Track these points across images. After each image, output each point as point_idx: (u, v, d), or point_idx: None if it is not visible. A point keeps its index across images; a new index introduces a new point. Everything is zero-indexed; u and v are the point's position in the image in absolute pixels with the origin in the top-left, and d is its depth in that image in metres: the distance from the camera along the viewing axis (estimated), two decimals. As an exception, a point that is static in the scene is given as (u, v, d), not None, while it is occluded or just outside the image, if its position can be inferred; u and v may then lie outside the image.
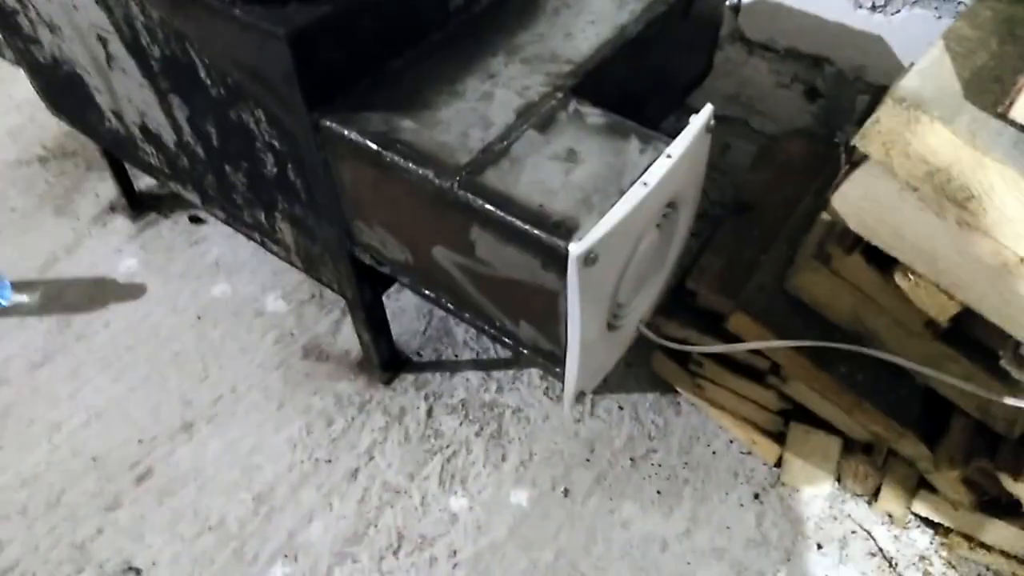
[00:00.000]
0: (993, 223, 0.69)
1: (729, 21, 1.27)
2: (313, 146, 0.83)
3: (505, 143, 0.77)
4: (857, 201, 0.78)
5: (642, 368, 1.20)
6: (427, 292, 0.90)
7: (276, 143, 0.89)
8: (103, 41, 1.00)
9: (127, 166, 1.44)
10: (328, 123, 0.80)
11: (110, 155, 1.40)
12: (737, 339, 0.95)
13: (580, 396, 0.81)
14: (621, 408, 1.17)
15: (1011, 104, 0.65)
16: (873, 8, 1.10)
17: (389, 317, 1.20)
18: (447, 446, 1.14)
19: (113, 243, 1.44)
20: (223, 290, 1.35)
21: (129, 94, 1.06)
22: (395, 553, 1.03)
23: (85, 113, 1.23)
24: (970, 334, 0.82)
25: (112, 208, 1.50)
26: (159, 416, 1.18)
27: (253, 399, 1.20)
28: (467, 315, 0.87)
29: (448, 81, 0.84)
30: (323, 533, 1.05)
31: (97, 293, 1.36)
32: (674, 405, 1.17)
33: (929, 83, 0.71)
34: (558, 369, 0.81)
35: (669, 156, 0.72)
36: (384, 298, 1.13)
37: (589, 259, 0.65)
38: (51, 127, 1.65)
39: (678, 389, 1.16)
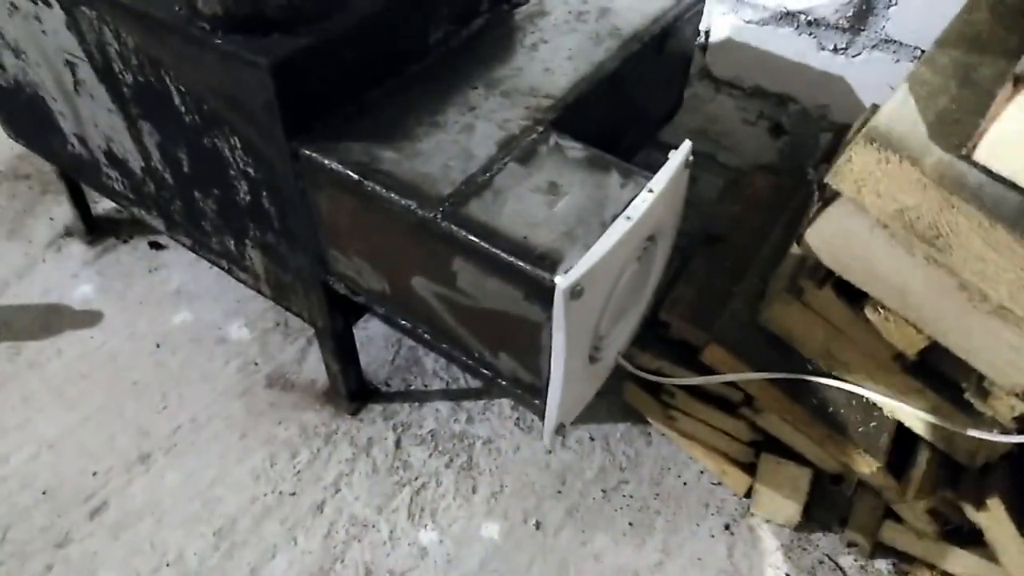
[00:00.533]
0: (959, 260, 0.72)
1: (697, 59, 1.30)
2: (291, 174, 0.83)
3: (487, 175, 0.77)
4: (830, 237, 0.80)
5: (614, 398, 1.21)
6: (403, 322, 0.89)
7: (251, 171, 0.88)
8: (72, 66, 0.98)
9: (85, 190, 1.40)
10: (307, 152, 0.79)
11: (68, 178, 1.36)
12: (711, 371, 0.97)
13: (560, 428, 0.81)
14: (592, 439, 1.17)
15: (974, 147, 0.68)
16: (835, 50, 1.15)
17: (358, 346, 1.18)
18: (416, 478, 1.12)
19: (68, 268, 1.40)
20: (184, 318, 1.32)
21: (96, 119, 1.04)
22: (364, 589, 1.01)
23: (46, 137, 1.19)
24: (937, 368, 0.84)
25: (68, 232, 1.45)
26: (115, 447, 1.14)
27: (214, 429, 1.16)
28: (444, 346, 0.87)
29: (428, 112, 0.85)
30: (287, 569, 1.02)
31: (50, 320, 1.31)
32: (645, 436, 1.18)
33: (897, 124, 0.74)
34: (537, 401, 0.80)
35: (651, 191, 0.73)
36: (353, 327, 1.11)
37: (575, 292, 0.65)
38: (3, 150, 1.60)
39: (649, 420, 1.17)
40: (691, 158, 0.79)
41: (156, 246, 1.44)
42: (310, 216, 0.86)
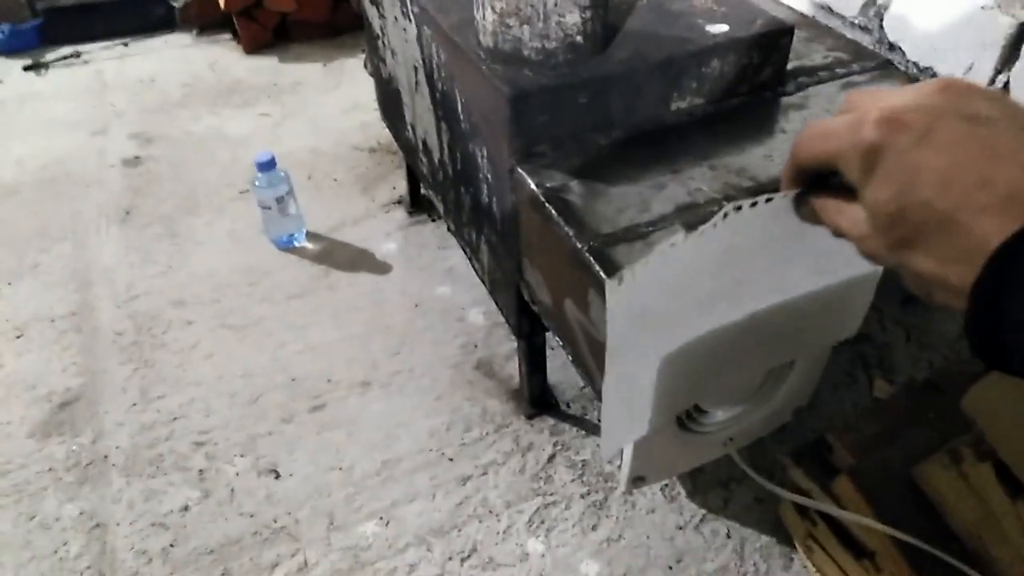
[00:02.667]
0: None
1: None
2: (508, 186, 0.98)
3: (649, 228, 0.83)
4: (990, 404, 0.70)
5: (769, 506, 1.14)
6: (559, 339, 0.99)
7: (489, 177, 1.05)
8: (415, 70, 1.26)
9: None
10: (520, 170, 0.93)
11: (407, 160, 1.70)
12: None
13: (637, 481, 0.83)
14: (729, 536, 1.13)
15: None
16: None
17: (559, 365, 1.30)
18: (551, 493, 1.20)
19: (387, 228, 1.74)
20: (444, 291, 1.56)
21: (422, 114, 1.32)
22: (463, 560, 1.12)
23: (397, 122, 1.52)
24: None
25: (398, 201, 1.81)
26: (351, 368, 1.41)
27: (422, 384, 1.38)
28: (579, 370, 0.94)
29: (636, 165, 0.93)
30: (417, 515, 1.18)
31: (358, 260, 1.66)
32: (786, 558, 1.10)
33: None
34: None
35: (726, 213, 0.71)
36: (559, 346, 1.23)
37: (620, 279, 0.68)
38: (383, 128, 2.03)
39: (795, 543, 1.09)
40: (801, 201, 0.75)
41: (451, 231, 1.72)
42: (517, 224, 1.01)
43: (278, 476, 1.24)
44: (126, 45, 2.63)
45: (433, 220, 1.75)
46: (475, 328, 1.48)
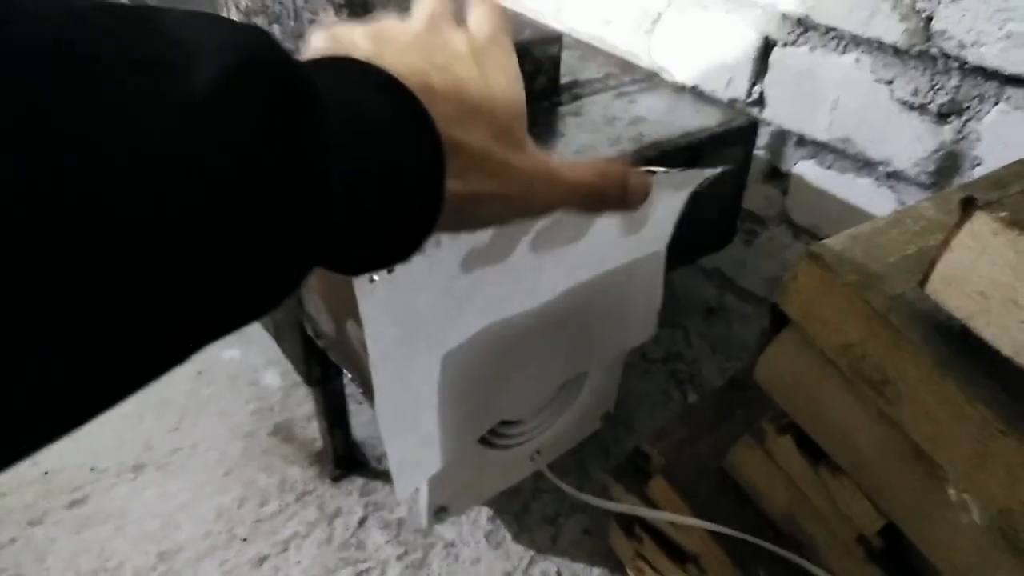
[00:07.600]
0: (910, 418, 0.58)
1: (776, 202, 1.23)
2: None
3: (426, 232, 0.77)
4: (780, 370, 0.69)
5: (599, 537, 1.08)
6: (348, 374, 0.89)
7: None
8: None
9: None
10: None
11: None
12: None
13: (440, 512, 0.74)
14: (560, 574, 1.05)
15: (926, 279, 0.56)
16: (912, 207, 1.03)
17: (366, 420, 1.18)
18: (364, 560, 1.06)
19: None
20: (232, 355, 1.40)
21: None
22: (260, 654, 0.95)
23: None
24: (910, 561, 0.67)
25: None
26: (119, 451, 1.21)
27: (206, 460, 1.20)
28: (372, 401, 0.84)
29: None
30: (203, 610, 0.99)
31: (132, 333, 1.46)
32: (618, 587, 1.03)
33: (859, 248, 0.63)
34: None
35: None
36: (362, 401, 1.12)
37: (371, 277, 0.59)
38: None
39: (627, 570, 1.03)
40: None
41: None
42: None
43: (21, 592, 1.01)
44: None
45: (221, 283, 1.60)
46: (270, 391, 1.33)
